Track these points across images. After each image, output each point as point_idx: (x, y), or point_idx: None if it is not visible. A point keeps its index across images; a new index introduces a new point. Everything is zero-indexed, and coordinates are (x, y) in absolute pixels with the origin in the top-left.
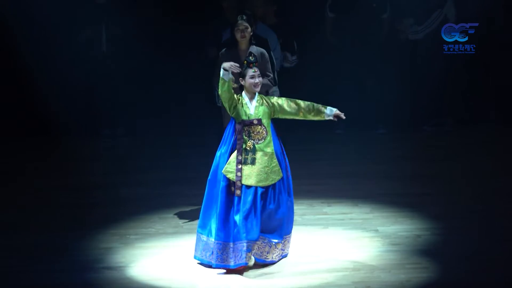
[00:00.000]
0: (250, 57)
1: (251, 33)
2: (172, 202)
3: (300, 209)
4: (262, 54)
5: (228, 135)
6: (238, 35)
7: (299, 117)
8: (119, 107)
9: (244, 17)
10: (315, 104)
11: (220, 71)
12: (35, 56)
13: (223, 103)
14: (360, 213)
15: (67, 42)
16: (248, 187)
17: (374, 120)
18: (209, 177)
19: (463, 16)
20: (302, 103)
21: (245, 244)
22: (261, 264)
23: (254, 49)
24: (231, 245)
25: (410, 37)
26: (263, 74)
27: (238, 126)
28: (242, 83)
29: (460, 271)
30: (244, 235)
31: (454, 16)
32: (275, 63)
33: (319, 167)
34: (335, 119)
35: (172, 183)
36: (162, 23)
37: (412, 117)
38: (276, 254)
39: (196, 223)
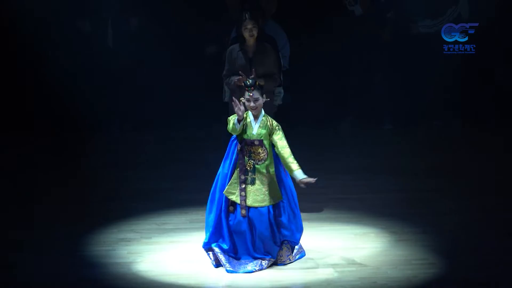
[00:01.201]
0: (248, 81)
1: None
2: (177, 197)
3: (307, 205)
4: (270, 50)
5: (230, 152)
6: (246, 34)
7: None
8: (126, 102)
9: (249, 15)
10: (291, 161)
11: (226, 68)
12: (41, 53)
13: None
14: (366, 208)
15: (73, 38)
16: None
17: (381, 116)
18: (210, 192)
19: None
20: (286, 154)
21: (254, 261)
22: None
23: (263, 44)
24: (239, 260)
25: (421, 30)
26: (269, 72)
27: (239, 145)
28: (243, 101)
29: (467, 267)
30: (255, 253)
31: (467, 13)
32: (282, 62)
33: (325, 163)
34: (302, 185)
35: (178, 179)
36: (167, 20)
37: (417, 113)
38: (290, 254)
39: (201, 219)
